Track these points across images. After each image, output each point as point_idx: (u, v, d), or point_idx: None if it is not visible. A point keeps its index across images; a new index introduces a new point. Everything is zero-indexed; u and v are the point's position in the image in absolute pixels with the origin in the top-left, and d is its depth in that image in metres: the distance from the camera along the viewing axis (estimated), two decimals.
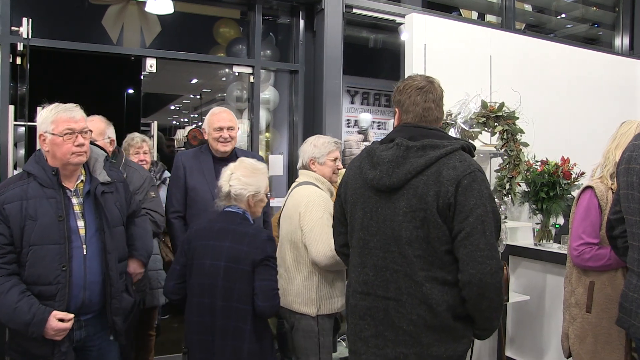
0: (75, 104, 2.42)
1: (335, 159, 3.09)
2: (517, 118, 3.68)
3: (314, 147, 3.09)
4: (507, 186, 3.67)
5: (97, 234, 2.38)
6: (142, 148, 3.83)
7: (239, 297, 2.40)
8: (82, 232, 2.35)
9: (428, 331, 1.95)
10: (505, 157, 3.74)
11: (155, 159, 4.00)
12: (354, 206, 2.13)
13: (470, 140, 3.57)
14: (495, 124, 3.63)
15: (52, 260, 2.26)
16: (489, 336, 2.10)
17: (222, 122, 3.30)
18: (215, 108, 3.46)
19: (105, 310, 2.43)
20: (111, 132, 3.30)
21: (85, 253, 2.34)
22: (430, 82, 2.12)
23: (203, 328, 2.44)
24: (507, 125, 3.63)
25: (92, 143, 2.55)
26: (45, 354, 2.29)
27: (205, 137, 3.39)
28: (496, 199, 3.62)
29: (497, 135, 3.74)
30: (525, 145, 3.70)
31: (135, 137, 3.88)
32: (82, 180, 2.42)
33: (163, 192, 3.78)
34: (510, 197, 3.69)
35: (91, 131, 2.44)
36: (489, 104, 3.67)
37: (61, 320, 2.25)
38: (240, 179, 2.53)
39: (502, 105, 3.66)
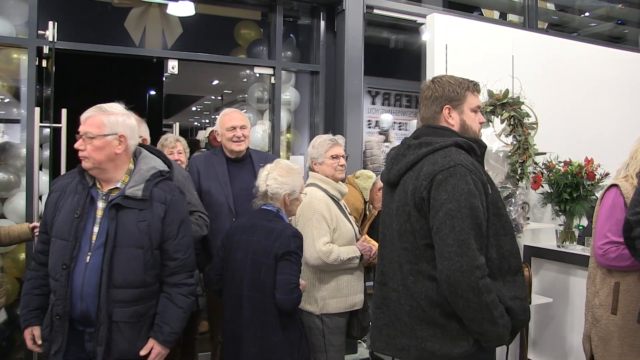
0: (120, 102, 2.33)
1: (334, 156, 3.07)
2: (522, 103, 3.77)
3: (312, 147, 3.14)
4: (519, 170, 3.75)
5: (102, 247, 2.17)
6: (177, 148, 3.83)
7: (265, 290, 2.47)
8: (94, 238, 2.19)
9: (422, 324, 1.96)
10: (514, 142, 3.78)
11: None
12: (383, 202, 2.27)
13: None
14: (503, 111, 3.74)
15: (58, 256, 2.20)
16: (490, 344, 1.95)
17: (234, 121, 3.32)
18: (226, 109, 3.50)
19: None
20: (143, 130, 2.98)
21: (87, 261, 2.17)
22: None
23: (235, 319, 2.54)
24: (514, 111, 3.71)
25: (153, 151, 2.42)
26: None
27: (219, 139, 3.41)
28: (509, 185, 3.62)
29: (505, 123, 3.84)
30: (532, 128, 3.74)
31: (168, 137, 3.91)
32: (117, 187, 2.24)
33: None
34: (524, 182, 3.73)
35: (92, 138, 2.16)
36: (495, 93, 3.76)
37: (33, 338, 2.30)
38: (277, 179, 2.63)
39: (507, 92, 3.74)
